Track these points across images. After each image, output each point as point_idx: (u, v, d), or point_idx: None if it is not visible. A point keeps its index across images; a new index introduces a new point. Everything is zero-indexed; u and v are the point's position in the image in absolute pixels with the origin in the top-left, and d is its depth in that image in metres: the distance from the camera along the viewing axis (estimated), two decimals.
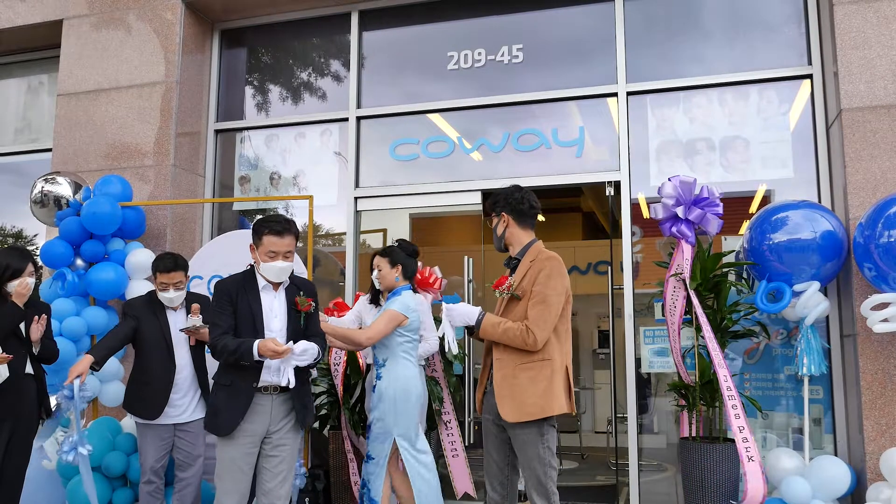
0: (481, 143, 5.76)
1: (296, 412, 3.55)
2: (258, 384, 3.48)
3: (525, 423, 3.33)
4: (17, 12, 6.66)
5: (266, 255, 3.47)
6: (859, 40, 4.66)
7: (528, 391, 3.32)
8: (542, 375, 3.35)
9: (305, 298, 3.60)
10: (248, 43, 6.64)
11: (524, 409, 3.32)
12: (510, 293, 3.43)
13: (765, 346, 4.94)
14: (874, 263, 4.07)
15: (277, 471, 3.51)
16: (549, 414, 3.33)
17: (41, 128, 7.00)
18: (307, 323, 3.62)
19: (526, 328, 3.31)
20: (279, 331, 3.53)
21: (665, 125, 5.38)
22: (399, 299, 4.11)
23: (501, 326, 3.36)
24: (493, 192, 3.66)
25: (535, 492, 3.35)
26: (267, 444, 3.53)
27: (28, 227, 6.85)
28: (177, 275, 4.28)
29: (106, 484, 4.53)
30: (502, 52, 5.79)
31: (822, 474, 4.13)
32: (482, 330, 3.41)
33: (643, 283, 5.25)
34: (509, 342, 3.35)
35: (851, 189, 4.53)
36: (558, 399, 3.35)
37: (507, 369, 3.38)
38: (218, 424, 3.48)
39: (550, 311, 3.34)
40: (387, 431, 4.04)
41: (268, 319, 3.52)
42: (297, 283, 3.68)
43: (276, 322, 3.54)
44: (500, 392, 3.37)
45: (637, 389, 5.13)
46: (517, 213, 3.56)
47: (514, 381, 3.35)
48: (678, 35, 5.46)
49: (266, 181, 6.32)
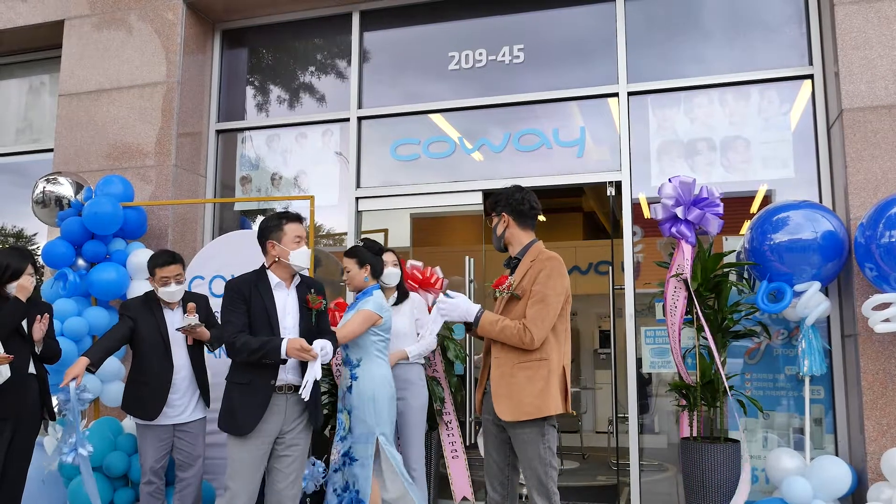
0: (482, 144, 5.77)
1: (308, 412, 3.58)
2: (276, 383, 3.49)
3: (525, 423, 3.33)
4: (19, 12, 6.67)
5: (293, 242, 3.54)
6: (860, 40, 4.65)
7: (526, 390, 3.32)
8: (540, 375, 3.34)
9: (317, 296, 3.62)
10: (249, 43, 6.64)
11: (521, 409, 3.32)
12: (510, 293, 3.43)
13: (766, 347, 4.94)
14: (875, 263, 4.07)
15: (289, 471, 3.52)
16: (546, 414, 3.32)
17: (42, 128, 7.01)
18: (318, 321, 3.63)
19: (523, 326, 3.31)
20: (292, 328, 3.55)
21: (666, 125, 5.38)
22: (372, 299, 4.14)
23: (499, 324, 3.36)
24: (494, 193, 3.66)
25: (535, 492, 3.35)
26: (279, 444, 3.53)
27: (29, 227, 6.85)
28: (175, 268, 4.29)
29: (107, 484, 4.53)
30: (503, 53, 5.79)
31: (823, 474, 4.13)
32: (480, 327, 3.41)
33: (644, 283, 5.25)
34: (506, 340, 3.35)
35: (852, 189, 4.53)
36: (555, 399, 3.34)
37: (505, 368, 3.38)
38: (236, 424, 3.46)
39: (549, 310, 3.34)
40: (370, 432, 4.04)
41: (281, 317, 3.54)
42: (308, 282, 3.71)
43: (289, 319, 3.56)
44: (498, 391, 3.37)
45: (638, 389, 5.13)
46: (517, 213, 3.56)
47: (512, 381, 3.35)
48: (679, 35, 5.46)
49: (267, 181, 6.33)
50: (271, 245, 3.59)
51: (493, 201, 3.61)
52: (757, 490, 4.78)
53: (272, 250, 3.59)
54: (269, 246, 3.60)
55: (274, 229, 3.58)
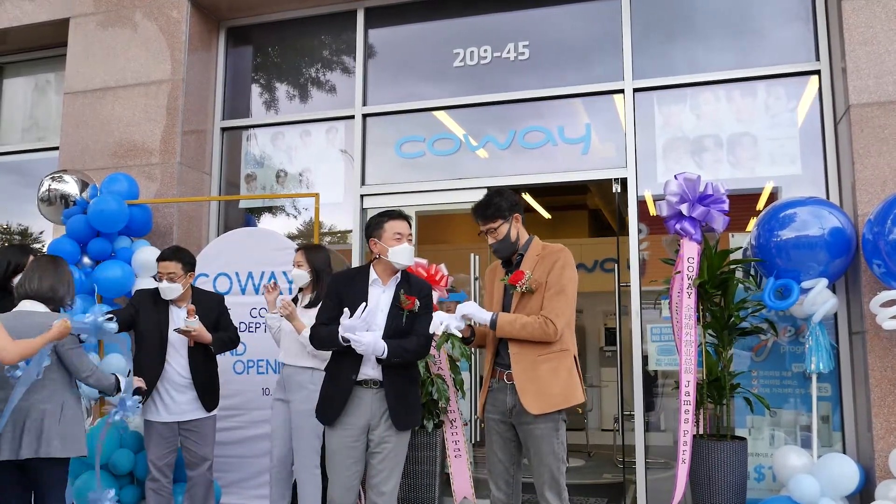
0: (487, 141, 5.75)
1: (389, 410, 3.51)
2: (357, 377, 3.49)
3: (544, 416, 3.32)
4: (24, 11, 6.68)
5: (393, 239, 3.54)
6: (867, 35, 4.62)
7: (552, 382, 3.32)
8: (563, 366, 3.36)
9: (406, 297, 3.55)
10: (253, 41, 6.64)
11: (549, 401, 3.31)
12: (527, 287, 3.39)
13: (773, 344, 4.92)
14: (883, 260, 4.05)
15: (381, 467, 3.50)
16: (573, 403, 3.34)
17: (48, 126, 7.02)
18: (413, 321, 3.56)
19: (545, 319, 3.30)
20: (380, 325, 3.52)
21: (672, 122, 5.36)
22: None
23: (519, 322, 3.33)
24: (490, 201, 3.52)
25: (547, 487, 3.33)
26: (372, 440, 3.53)
27: (35, 225, 6.86)
28: (169, 265, 4.26)
29: (112, 482, 4.53)
30: (508, 50, 5.77)
31: (831, 472, 4.10)
32: (499, 329, 3.36)
33: (650, 281, 5.23)
34: (529, 336, 3.33)
35: (860, 185, 4.51)
36: (578, 389, 3.38)
37: (526, 362, 3.35)
38: (322, 414, 3.58)
39: (568, 301, 3.36)
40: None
41: (373, 313, 3.51)
42: (411, 282, 3.66)
43: (381, 316, 3.54)
44: (522, 386, 3.34)
45: (644, 387, 5.11)
46: (521, 212, 3.56)
47: (535, 374, 3.33)
48: (685, 31, 5.43)
49: (272, 179, 6.33)
50: (373, 242, 3.61)
51: (496, 208, 3.48)
52: (764, 488, 4.77)
53: (374, 247, 3.61)
54: (371, 243, 3.62)
55: (376, 227, 3.60)
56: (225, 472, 5.02)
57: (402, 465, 3.60)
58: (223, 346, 4.36)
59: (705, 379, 4.43)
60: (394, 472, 3.53)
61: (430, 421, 4.96)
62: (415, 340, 3.54)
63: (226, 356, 4.97)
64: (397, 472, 3.55)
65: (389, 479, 3.51)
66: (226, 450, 4.98)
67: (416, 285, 3.66)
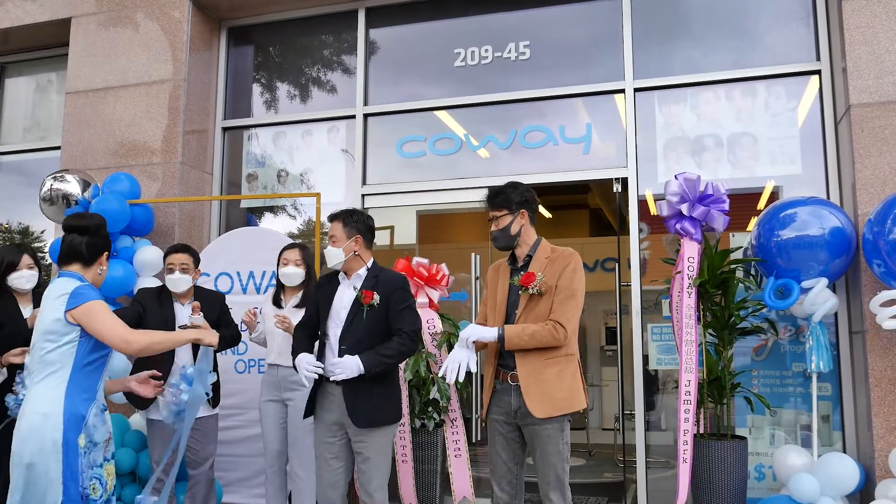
0: (488, 141, 5.76)
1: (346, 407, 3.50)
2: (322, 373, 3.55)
3: (551, 419, 3.33)
4: (26, 11, 6.69)
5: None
6: (868, 35, 4.63)
7: (557, 386, 3.33)
8: (569, 371, 3.38)
9: (364, 291, 3.55)
10: (255, 40, 6.65)
11: (554, 404, 3.32)
12: (537, 290, 3.40)
13: (773, 343, 4.93)
14: (883, 260, 4.05)
15: (362, 468, 3.54)
16: (576, 409, 3.36)
17: (50, 126, 7.03)
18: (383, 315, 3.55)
19: (554, 324, 3.31)
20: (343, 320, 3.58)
21: (672, 121, 5.36)
22: None
23: (527, 332, 3.33)
24: (503, 190, 3.55)
25: (551, 487, 3.34)
26: (352, 439, 3.57)
27: (36, 224, 6.88)
28: (181, 256, 4.29)
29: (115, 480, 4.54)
30: (509, 49, 5.78)
31: (831, 471, 4.11)
32: (508, 342, 3.35)
33: (651, 280, 5.24)
34: (539, 344, 3.33)
35: (860, 185, 4.51)
36: (581, 394, 3.41)
37: (532, 365, 3.36)
38: (305, 407, 3.70)
39: (578, 305, 3.39)
40: None
41: (337, 310, 3.61)
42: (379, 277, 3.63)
43: (344, 312, 3.59)
44: (528, 389, 3.34)
45: (644, 386, 5.12)
46: (532, 211, 3.56)
47: (541, 377, 3.34)
48: (685, 31, 5.44)
49: (273, 178, 6.34)
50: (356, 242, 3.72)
51: (505, 198, 3.51)
52: (764, 487, 4.78)
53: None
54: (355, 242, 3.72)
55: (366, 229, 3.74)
56: (226, 471, 5.04)
57: (387, 465, 3.58)
58: (225, 344, 4.37)
59: (706, 378, 4.43)
60: (375, 473, 3.52)
61: (430, 420, 4.98)
62: (396, 344, 3.51)
63: (227, 355, 4.99)
64: (380, 472, 3.54)
65: (372, 479, 3.52)
66: (227, 449, 5.00)
67: (386, 280, 3.62)
